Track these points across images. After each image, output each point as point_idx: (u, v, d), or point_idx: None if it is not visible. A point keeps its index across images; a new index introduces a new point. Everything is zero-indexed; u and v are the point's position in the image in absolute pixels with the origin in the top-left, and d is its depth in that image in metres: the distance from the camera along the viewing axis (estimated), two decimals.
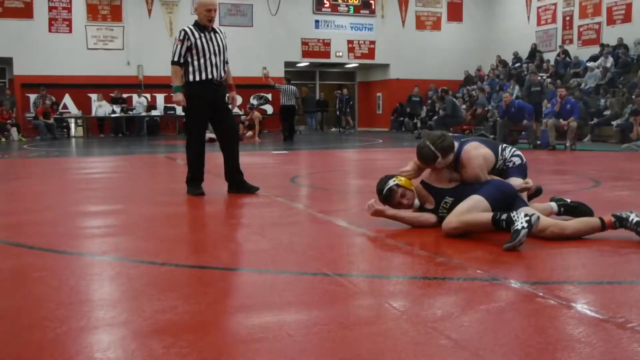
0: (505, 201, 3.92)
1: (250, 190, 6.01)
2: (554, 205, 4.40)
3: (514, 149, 4.47)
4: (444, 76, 24.61)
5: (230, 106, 6.12)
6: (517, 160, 4.38)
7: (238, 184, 6.03)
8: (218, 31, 5.98)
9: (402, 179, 4.18)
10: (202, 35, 5.82)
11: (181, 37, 5.79)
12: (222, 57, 5.93)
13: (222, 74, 5.97)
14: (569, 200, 4.43)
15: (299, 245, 3.86)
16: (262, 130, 19.24)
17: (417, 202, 4.17)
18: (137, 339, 2.26)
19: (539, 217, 3.62)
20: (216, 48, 5.88)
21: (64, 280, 3.06)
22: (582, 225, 3.82)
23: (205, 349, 2.14)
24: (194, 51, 5.79)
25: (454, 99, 18.35)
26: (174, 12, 22.24)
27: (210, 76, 5.85)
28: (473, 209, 3.83)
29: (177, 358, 2.07)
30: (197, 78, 5.82)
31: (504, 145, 4.52)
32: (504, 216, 3.62)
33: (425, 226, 4.15)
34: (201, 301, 2.66)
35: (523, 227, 3.48)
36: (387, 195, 4.15)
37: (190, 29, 5.83)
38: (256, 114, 16.61)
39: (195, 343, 2.19)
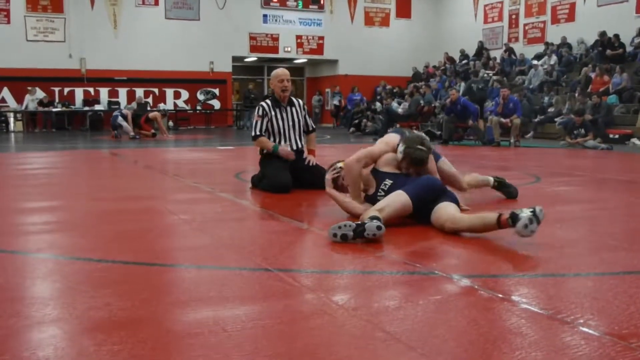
0: (431, 196, 4.03)
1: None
2: (491, 179, 5.37)
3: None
4: (393, 72, 24.83)
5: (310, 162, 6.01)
6: None
7: None
8: (295, 103, 6.02)
9: None
10: (279, 110, 5.91)
11: (260, 113, 5.87)
12: (299, 130, 6.00)
13: (300, 145, 6.02)
14: (505, 180, 5.43)
15: (240, 241, 3.84)
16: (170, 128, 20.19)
17: None
18: (67, 337, 2.20)
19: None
20: (291, 122, 5.95)
21: None
22: (478, 221, 3.75)
23: (138, 346, 2.10)
24: (272, 127, 5.88)
25: (420, 99, 18.82)
26: (117, 4, 21.65)
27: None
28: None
29: (109, 355, 2.02)
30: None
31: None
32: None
33: (351, 213, 4.37)
34: (136, 298, 2.61)
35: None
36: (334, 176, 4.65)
37: (268, 105, 5.90)
38: (155, 113, 16.78)
39: (128, 340, 2.15)
